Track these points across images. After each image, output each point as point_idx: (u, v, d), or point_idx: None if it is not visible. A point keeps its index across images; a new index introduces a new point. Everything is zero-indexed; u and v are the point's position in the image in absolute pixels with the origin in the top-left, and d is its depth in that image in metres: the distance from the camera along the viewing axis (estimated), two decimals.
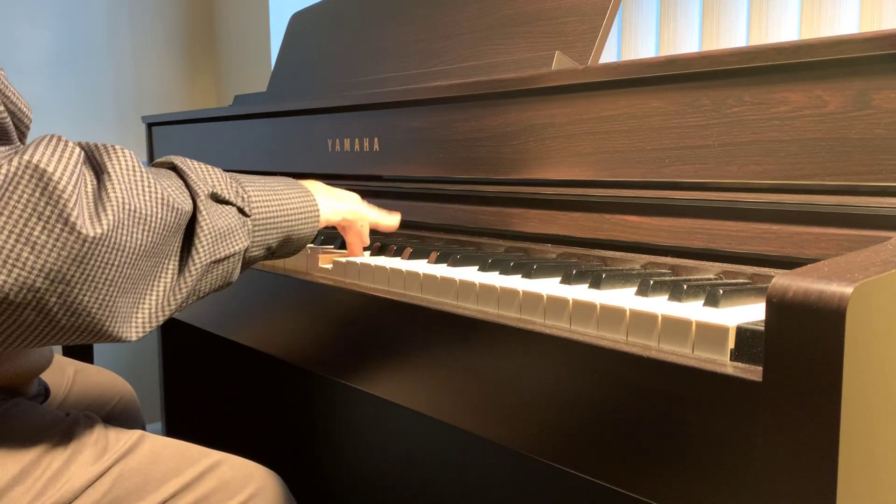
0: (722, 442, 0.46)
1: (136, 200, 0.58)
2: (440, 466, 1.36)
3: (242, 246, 0.69)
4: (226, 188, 0.69)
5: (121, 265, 0.57)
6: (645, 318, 0.53)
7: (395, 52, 1.16)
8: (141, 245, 0.59)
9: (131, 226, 0.58)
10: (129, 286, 0.59)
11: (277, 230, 0.73)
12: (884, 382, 0.41)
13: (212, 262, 0.66)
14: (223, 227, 0.67)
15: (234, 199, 0.69)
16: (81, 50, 1.96)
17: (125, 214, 0.57)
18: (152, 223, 0.60)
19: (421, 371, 0.69)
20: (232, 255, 0.68)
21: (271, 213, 0.72)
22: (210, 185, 0.67)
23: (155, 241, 0.60)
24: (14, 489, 0.66)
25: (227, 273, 0.69)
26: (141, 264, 0.60)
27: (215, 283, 0.68)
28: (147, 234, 0.59)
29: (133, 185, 0.59)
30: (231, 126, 1.37)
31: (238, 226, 0.68)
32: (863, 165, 0.58)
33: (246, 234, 0.69)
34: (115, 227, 0.56)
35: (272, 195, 0.73)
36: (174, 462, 0.75)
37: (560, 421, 0.56)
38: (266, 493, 0.80)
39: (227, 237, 0.67)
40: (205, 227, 0.64)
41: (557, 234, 0.81)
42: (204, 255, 0.65)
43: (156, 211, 0.60)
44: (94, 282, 0.56)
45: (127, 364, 2.03)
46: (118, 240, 0.56)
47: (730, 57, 0.65)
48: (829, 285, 0.39)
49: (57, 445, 0.70)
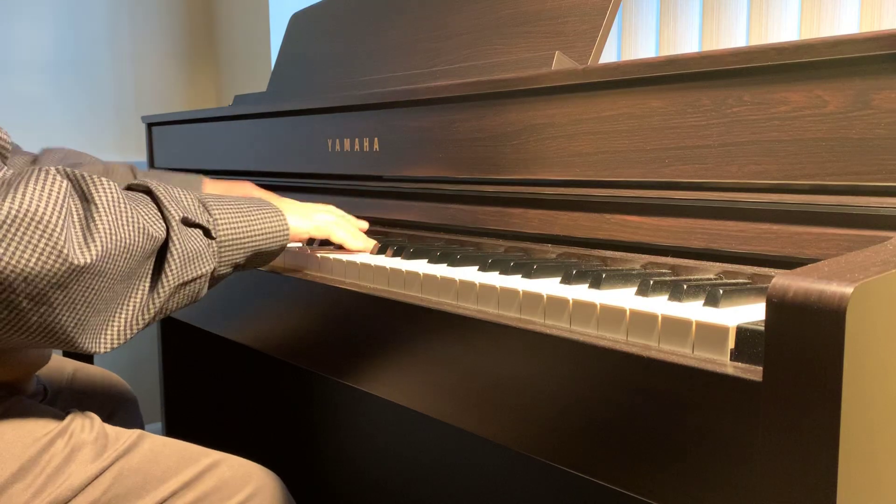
0: (722, 442, 0.46)
1: (121, 231, 0.63)
2: (440, 466, 1.36)
3: (209, 268, 0.72)
4: (195, 213, 0.72)
5: (100, 289, 0.62)
6: (645, 318, 0.53)
7: (395, 52, 1.16)
8: (120, 271, 0.63)
9: (116, 255, 0.62)
10: (102, 306, 0.63)
11: (244, 249, 0.77)
12: (884, 382, 0.41)
13: (180, 284, 0.69)
14: (192, 250, 0.70)
15: (202, 222, 0.72)
16: (81, 50, 1.96)
17: (112, 245, 0.61)
18: (133, 251, 0.64)
19: (421, 371, 0.69)
20: (199, 276, 0.71)
21: (237, 235, 0.76)
22: (182, 209, 0.70)
23: (132, 267, 0.65)
24: (14, 486, 0.66)
25: (194, 292, 0.72)
26: (117, 287, 0.64)
27: (182, 302, 0.72)
28: (127, 261, 0.64)
29: (118, 216, 0.63)
30: (231, 126, 1.37)
31: (205, 249, 0.72)
32: (863, 165, 0.58)
33: (212, 256, 0.73)
34: (103, 256, 0.60)
35: (239, 216, 0.77)
36: (174, 461, 0.75)
37: (560, 421, 0.56)
38: (265, 492, 0.80)
39: (195, 260, 0.70)
40: (175, 252, 0.68)
41: (557, 234, 0.81)
42: (173, 277, 0.68)
43: (137, 240, 0.64)
44: (73, 304, 0.60)
45: (127, 364, 2.03)
46: (102, 267, 0.61)
47: (730, 57, 0.65)
48: (829, 285, 0.39)
49: (57, 443, 0.70)
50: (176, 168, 1.59)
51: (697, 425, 0.48)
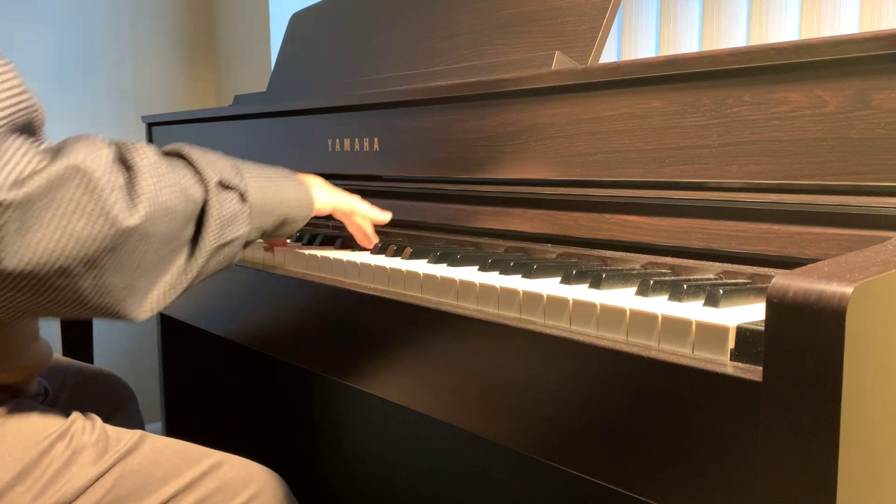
0: (722, 442, 0.46)
1: (164, 194, 0.65)
2: (440, 466, 1.36)
3: (245, 230, 0.74)
4: (230, 174, 0.73)
5: (146, 251, 0.64)
6: (645, 318, 0.53)
7: (395, 52, 1.16)
8: (164, 233, 0.65)
9: (160, 217, 0.64)
10: (150, 268, 0.65)
11: (273, 215, 0.78)
12: (884, 382, 0.41)
13: (218, 246, 0.71)
14: (228, 213, 0.72)
15: (236, 185, 0.73)
16: (81, 50, 1.96)
17: (155, 207, 0.63)
18: (175, 213, 0.66)
19: (421, 371, 0.69)
20: (235, 238, 0.73)
21: (267, 200, 0.77)
22: (217, 172, 0.72)
23: (176, 229, 0.66)
24: (14, 489, 0.66)
25: (230, 255, 0.73)
26: (162, 249, 0.66)
27: (220, 265, 0.73)
28: (171, 223, 0.65)
29: (159, 180, 0.65)
30: (231, 126, 1.37)
31: (240, 211, 0.73)
32: (863, 165, 0.58)
33: (246, 219, 0.74)
34: (148, 218, 0.62)
35: (268, 183, 0.79)
36: (175, 462, 0.75)
37: (560, 421, 0.56)
38: (267, 493, 0.80)
39: (231, 223, 0.72)
40: (213, 214, 0.70)
41: (557, 234, 0.81)
42: (212, 239, 0.70)
43: (178, 203, 0.66)
44: (122, 267, 0.62)
45: (127, 364, 2.03)
46: (148, 230, 0.63)
47: (730, 57, 0.65)
48: (829, 285, 0.39)
49: (57, 445, 0.70)
50: None
51: (697, 425, 0.48)
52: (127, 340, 2.06)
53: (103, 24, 1.99)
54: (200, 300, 1.08)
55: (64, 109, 1.94)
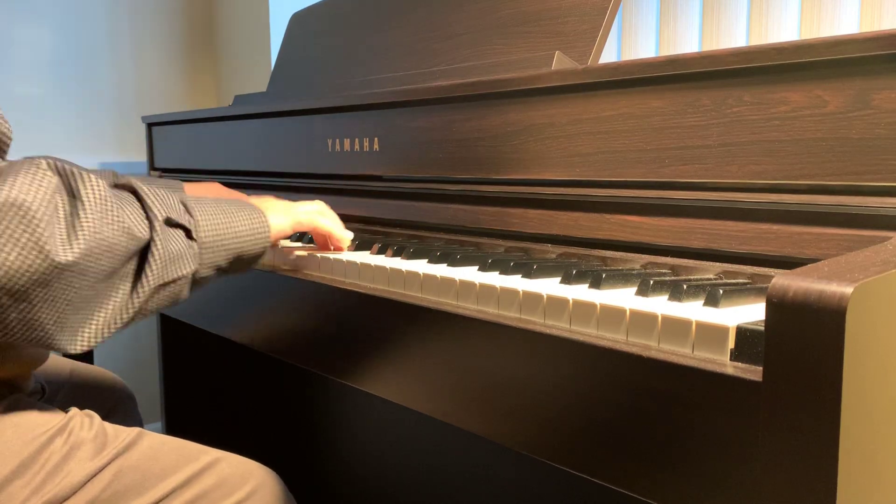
0: (722, 442, 0.46)
1: (106, 230, 0.63)
2: (439, 465, 1.36)
3: (190, 270, 0.72)
4: (177, 212, 0.71)
5: (81, 287, 0.62)
6: (645, 318, 0.53)
7: (395, 52, 1.16)
8: (103, 270, 0.63)
9: (98, 254, 0.62)
10: (82, 305, 0.63)
11: (226, 251, 0.76)
12: (884, 382, 0.41)
13: (159, 285, 0.69)
14: (174, 251, 0.70)
15: (183, 223, 0.72)
16: (81, 50, 1.96)
17: (95, 243, 0.61)
18: (116, 250, 0.64)
19: (421, 371, 0.69)
20: (179, 278, 0.71)
21: (218, 236, 0.75)
22: (166, 209, 0.70)
23: (115, 266, 0.65)
24: (13, 483, 0.66)
25: (174, 294, 0.71)
26: (98, 286, 0.64)
27: (163, 303, 0.71)
28: (110, 260, 0.63)
29: (104, 215, 0.63)
30: (231, 126, 1.37)
31: (186, 250, 0.71)
32: (863, 165, 0.58)
33: (193, 257, 0.72)
34: (85, 254, 0.61)
35: (221, 217, 0.76)
36: (173, 459, 0.75)
37: (560, 421, 0.56)
38: (265, 490, 0.80)
39: (176, 261, 0.70)
40: (157, 253, 0.68)
41: (557, 234, 0.81)
42: (154, 278, 0.68)
43: (121, 239, 0.64)
44: (53, 302, 0.60)
45: (127, 364, 2.03)
46: (85, 266, 0.61)
47: (730, 57, 0.65)
48: (829, 285, 0.39)
49: (56, 440, 0.70)
50: (176, 168, 1.59)
51: (697, 425, 0.48)
52: (127, 340, 2.06)
53: (103, 24, 1.99)
54: (200, 300, 1.08)
55: (64, 109, 1.94)
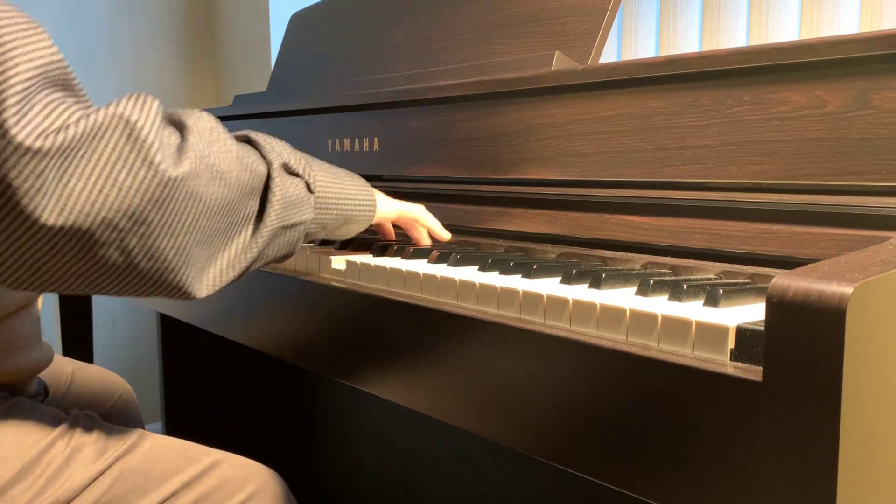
0: (722, 442, 0.46)
1: (214, 156, 0.63)
2: (440, 466, 1.36)
3: (309, 216, 0.72)
4: (296, 162, 0.72)
5: (197, 215, 0.61)
6: (645, 318, 0.53)
7: (395, 52, 1.16)
8: (216, 199, 0.63)
9: (208, 178, 0.62)
10: (204, 238, 0.63)
11: (336, 211, 0.77)
12: (884, 382, 0.41)
13: (281, 227, 0.69)
14: (293, 195, 0.70)
15: (302, 174, 0.72)
16: (82, 50, 1.96)
17: (203, 166, 0.61)
18: (228, 179, 0.64)
19: (421, 371, 0.69)
20: (300, 223, 0.71)
21: (333, 195, 0.76)
22: (283, 156, 0.71)
23: (230, 198, 0.64)
24: (15, 487, 0.66)
25: (292, 241, 0.72)
26: (216, 219, 0.63)
27: (281, 250, 0.71)
28: (223, 188, 0.63)
29: (211, 142, 0.63)
30: (231, 126, 1.37)
31: (305, 198, 0.72)
32: (863, 165, 0.58)
33: (311, 206, 0.73)
34: (193, 174, 0.60)
35: (335, 179, 0.77)
36: (174, 461, 0.75)
37: (560, 421, 0.56)
38: (266, 491, 0.80)
39: (296, 206, 0.70)
40: (277, 192, 0.68)
41: (557, 234, 0.81)
42: (275, 218, 0.68)
43: (231, 168, 0.64)
44: (171, 227, 0.59)
45: (127, 364, 2.03)
46: (196, 188, 0.60)
47: (730, 57, 0.65)
48: (829, 285, 0.39)
49: (57, 444, 0.70)
50: None
51: (697, 425, 0.48)
52: (127, 340, 2.06)
53: (103, 24, 1.99)
54: (200, 300, 1.08)
55: None
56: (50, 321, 1.68)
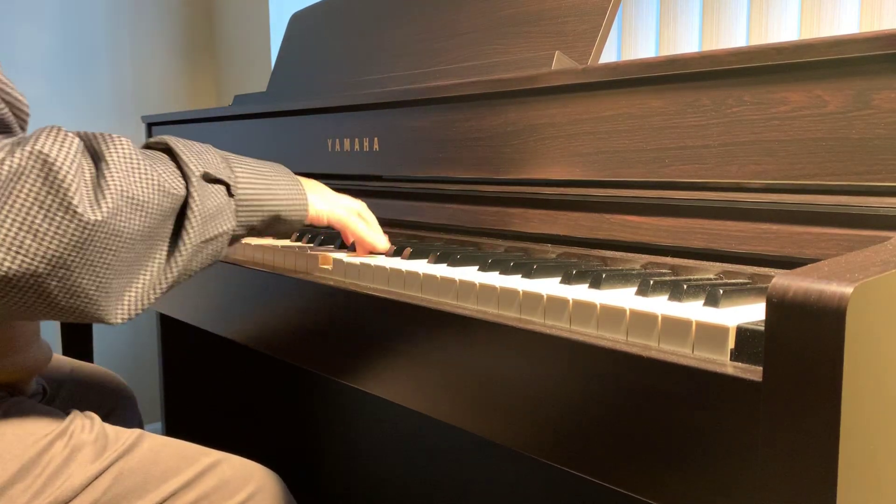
0: (722, 442, 0.46)
1: (134, 188, 0.61)
2: (440, 466, 1.36)
3: (230, 226, 0.71)
4: (216, 167, 0.70)
5: (118, 249, 0.60)
6: (645, 318, 0.53)
7: (395, 52, 1.16)
8: (137, 229, 0.62)
9: (129, 212, 0.61)
10: (123, 268, 0.62)
11: (262, 212, 0.74)
12: (884, 382, 0.41)
13: (201, 242, 0.68)
14: (213, 207, 0.68)
15: (224, 178, 0.70)
16: (81, 50, 1.96)
17: (123, 201, 0.60)
18: (149, 208, 0.62)
19: (420, 371, 0.69)
20: (220, 234, 0.70)
21: (257, 196, 0.74)
22: (202, 164, 0.69)
23: (150, 225, 0.63)
24: (14, 487, 0.66)
25: (215, 251, 0.70)
26: (137, 247, 0.62)
27: (205, 262, 0.70)
28: (143, 218, 0.62)
29: (130, 172, 0.61)
30: (231, 126, 1.37)
31: (226, 206, 0.70)
32: (863, 165, 0.58)
33: (232, 213, 0.71)
34: (114, 213, 0.59)
35: (260, 179, 0.75)
36: (174, 461, 0.75)
37: (559, 421, 0.56)
38: (265, 492, 0.80)
39: (216, 217, 0.69)
40: (195, 209, 0.66)
41: (557, 234, 0.80)
42: (194, 235, 0.67)
43: (152, 197, 0.63)
44: (92, 266, 0.59)
45: (127, 364, 2.03)
46: (116, 225, 0.59)
47: (730, 57, 0.65)
48: (829, 285, 0.39)
49: (56, 443, 0.70)
50: None
51: (697, 425, 0.48)
52: (127, 340, 2.06)
53: (103, 24, 1.99)
54: (200, 300, 1.08)
55: (64, 109, 1.94)
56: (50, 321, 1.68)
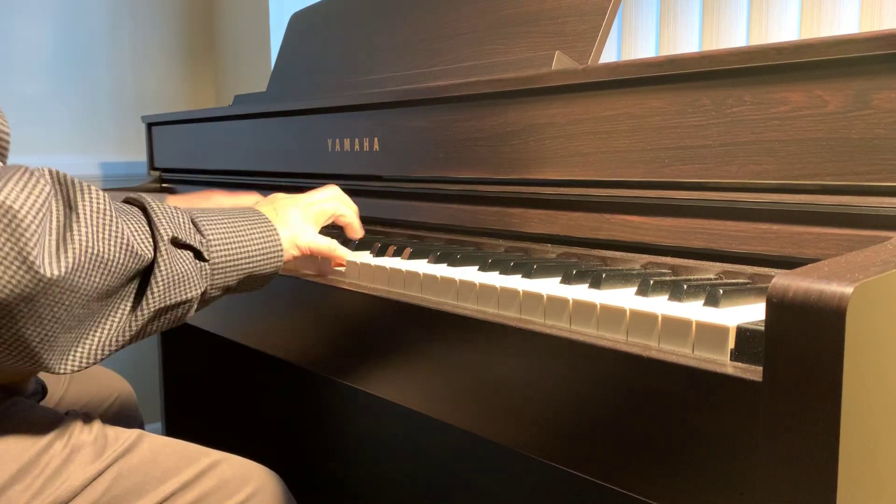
0: (722, 442, 0.46)
1: (101, 245, 0.58)
2: (440, 466, 1.36)
3: (197, 292, 0.68)
4: (186, 232, 0.68)
5: (71, 305, 0.57)
6: (645, 318, 0.53)
7: (395, 52, 1.16)
8: (96, 287, 0.59)
9: (90, 269, 0.58)
10: (74, 324, 0.59)
11: (237, 272, 0.72)
12: (884, 382, 0.41)
13: (162, 308, 0.65)
14: (179, 273, 0.66)
15: (194, 244, 0.68)
16: (81, 50, 1.96)
17: (86, 258, 0.57)
18: (112, 267, 0.59)
19: (421, 371, 0.69)
20: (185, 301, 0.67)
21: (232, 256, 0.71)
22: (172, 229, 0.66)
23: (111, 285, 0.60)
24: (13, 487, 0.66)
25: (177, 317, 0.68)
26: (92, 305, 0.59)
27: (165, 325, 0.67)
28: (105, 277, 0.59)
29: (100, 229, 0.59)
30: (231, 126, 1.37)
31: (194, 272, 0.67)
32: (863, 165, 0.58)
33: (202, 278, 0.68)
34: (75, 269, 0.56)
35: (233, 236, 0.72)
36: (173, 461, 0.75)
37: (560, 421, 0.56)
38: (265, 492, 0.80)
39: (181, 283, 0.66)
40: (160, 274, 0.64)
41: (557, 234, 0.80)
42: (154, 301, 0.64)
43: (118, 256, 0.60)
44: (40, 319, 0.55)
45: (127, 364, 2.03)
46: (75, 281, 0.56)
47: (730, 57, 0.65)
48: (829, 285, 0.39)
49: (56, 444, 0.70)
50: (176, 168, 1.59)
51: (697, 425, 0.47)
52: None
53: (103, 24, 1.99)
54: None
55: (64, 109, 1.94)
56: None
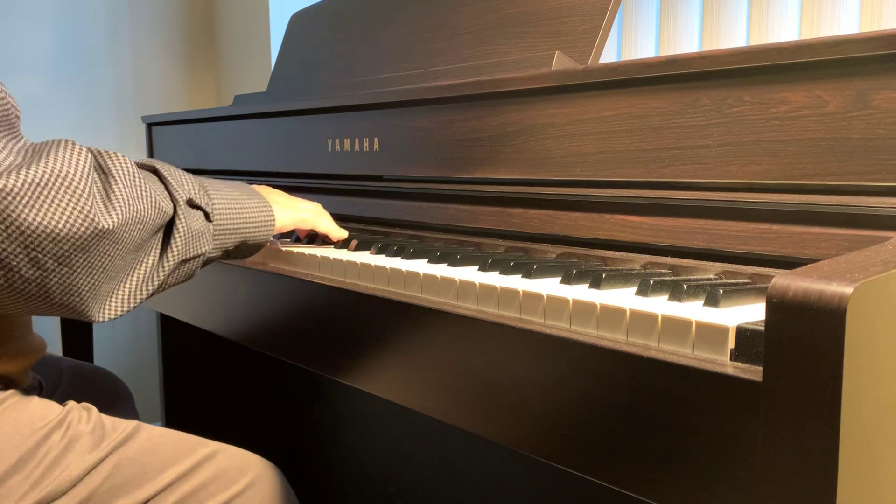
0: (722, 442, 0.46)
1: (138, 203, 0.67)
2: (438, 463, 1.36)
3: (207, 248, 0.77)
4: (198, 195, 0.76)
5: (114, 256, 0.66)
6: (645, 318, 0.53)
7: (395, 52, 1.16)
8: (134, 241, 0.67)
9: (132, 224, 0.66)
10: (114, 274, 0.67)
11: (235, 236, 0.81)
12: (884, 382, 0.41)
13: (182, 261, 0.74)
14: (195, 230, 0.75)
15: (203, 206, 0.76)
16: (81, 50, 1.96)
17: (130, 214, 0.66)
18: (146, 223, 0.68)
19: (421, 371, 0.69)
20: (199, 255, 0.76)
21: (231, 221, 0.80)
22: (187, 191, 0.75)
23: (143, 238, 0.69)
24: (12, 478, 0.66)
25: (191, 270, 0.76)
26: (127, 257, 0.68)
27: (180, 278, 0.76)
28: (140, 231, 0.68)
29: (134, 189, 0.67)
30: (231, 126, 1.37)
31: (205, 230, 0.76)
32: (863, 165, 0.58)
33: (210, 237, 0.77)
34: (122, 223, 0.65)
35: (233, 203, 0.81)
36: (171, 451, 0.76)
37: (560, 420, 0.56)
38: (263, 482, 0.80)
39: (196, 239, 0.75)
40: (181, 229, 0.73)
41: (557, 234, 0.81)
42: (178, 252, 0.73)
43: (150, 212, 0.69)
44: (90, 268, 0.64)
45: (127, 363, 2.03)
46: (120, 235, 0.65)
47: (730, 57, 0.65)
48: (829, 285, 0.39)
49: (54, 434, 0.70)
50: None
51: (697, 425, 0.48)
52: (127, 340, 2.06)
53: (103, 24, 1.99)
54: (200, 300, 1.08)
55: (64, 109, 1.94)
56: (50, 320, 1.68)
